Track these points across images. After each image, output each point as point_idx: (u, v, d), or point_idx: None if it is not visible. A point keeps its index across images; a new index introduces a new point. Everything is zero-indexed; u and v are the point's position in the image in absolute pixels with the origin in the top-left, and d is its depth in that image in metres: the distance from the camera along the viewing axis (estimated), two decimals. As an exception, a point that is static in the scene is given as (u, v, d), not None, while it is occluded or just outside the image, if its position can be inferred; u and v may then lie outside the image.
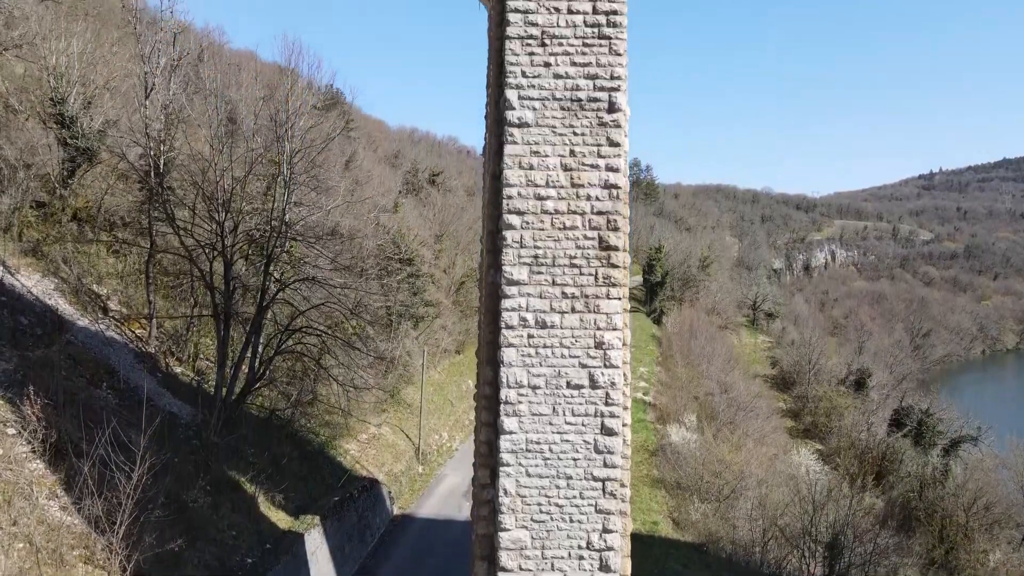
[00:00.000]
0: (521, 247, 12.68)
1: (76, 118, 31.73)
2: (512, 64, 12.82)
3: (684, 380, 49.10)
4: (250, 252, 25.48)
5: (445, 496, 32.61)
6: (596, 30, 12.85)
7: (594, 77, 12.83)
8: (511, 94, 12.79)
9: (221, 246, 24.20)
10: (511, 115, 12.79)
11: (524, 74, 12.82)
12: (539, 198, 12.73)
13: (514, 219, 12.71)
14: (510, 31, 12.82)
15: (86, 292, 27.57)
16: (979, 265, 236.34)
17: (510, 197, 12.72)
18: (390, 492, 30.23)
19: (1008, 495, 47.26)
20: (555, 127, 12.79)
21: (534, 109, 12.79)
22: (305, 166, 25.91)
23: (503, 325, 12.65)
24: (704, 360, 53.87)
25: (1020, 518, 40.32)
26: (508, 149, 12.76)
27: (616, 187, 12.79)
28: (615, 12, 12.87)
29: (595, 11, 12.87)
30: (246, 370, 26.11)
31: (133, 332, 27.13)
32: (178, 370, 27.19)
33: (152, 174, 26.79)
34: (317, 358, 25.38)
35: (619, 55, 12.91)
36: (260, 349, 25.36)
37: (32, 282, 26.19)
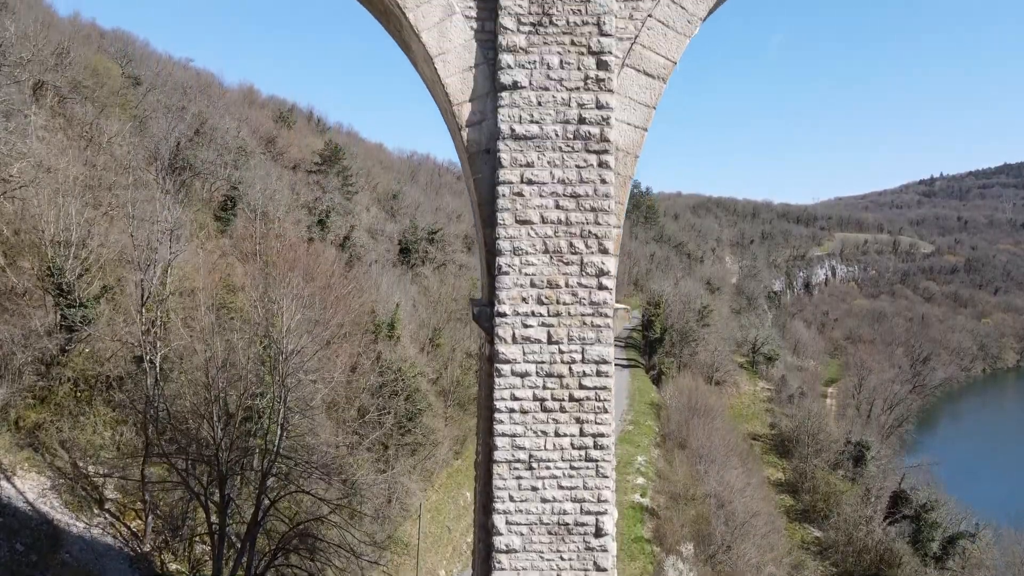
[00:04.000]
0: (509, 674, 12.70)
1: (74, 286, 31.83)
2: (500, 488, 12.82)
3: (683, 486, 49.12)
4: (243, 469, 25.53)
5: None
6: (582, 452, 12.85)
7: (581, 500, 12.83)
8: (499, 520, 12.79)
9: (216, 463, 24.24)
10: (499, 541, 12.79)
11: (512, 498, 12.82)
12: (527, 625, 12.74)
13: (502, 647, 12.73)
14: (497, 455, 12.82)
15: (82, 483, 27.65)
16: (979, 279, 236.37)
17: (498, 625, 12.73)
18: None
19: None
20: (543, 552, 12.80)
21: (521, 535, 12.80)
22: (299, 404, 25.86)
23: None
24: (703, 457, 53.90)
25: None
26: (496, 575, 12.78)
27: (604, 612, 12.80)
28: (601, 434, 12.87)
29: (582, 433, 12.87)
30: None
31: (128, 528, 27.20)
32: (173, 567, 27.26)
33: (148, 380, 26.82)
34: (311, 573, 25.47)
35: (606, 477, 12.91)
36: (255, 562, 25.42)
37: (28, 485, 26.28)
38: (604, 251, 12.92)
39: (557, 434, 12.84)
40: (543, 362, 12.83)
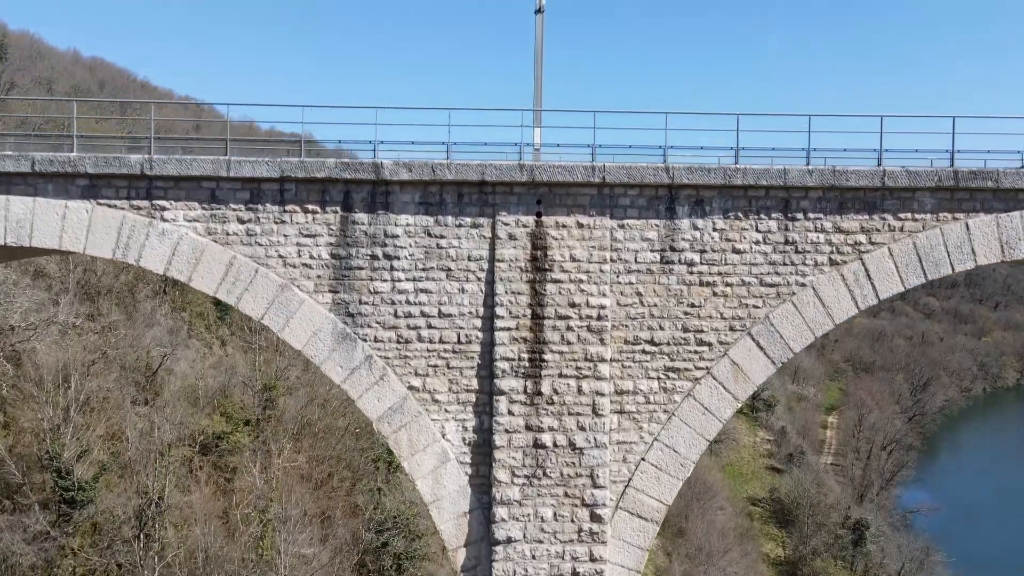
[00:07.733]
0: None
1: (72, 468, 31.91)
2: None
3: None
4: None
5: None
6: None
7: None
8: None
9: None
10: None
11: None
12: None
13: None
14: None
15: None
16: (979, 293, 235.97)
17: None
18: None
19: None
20: None
21: None
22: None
23: None
24: (702, 551, 54.14)
25: None
26: None
27: None
28: None
29: None
30: None
31: None
32: None
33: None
34: None
35: None
36: None
37: None
38: None
39: None
40: None
